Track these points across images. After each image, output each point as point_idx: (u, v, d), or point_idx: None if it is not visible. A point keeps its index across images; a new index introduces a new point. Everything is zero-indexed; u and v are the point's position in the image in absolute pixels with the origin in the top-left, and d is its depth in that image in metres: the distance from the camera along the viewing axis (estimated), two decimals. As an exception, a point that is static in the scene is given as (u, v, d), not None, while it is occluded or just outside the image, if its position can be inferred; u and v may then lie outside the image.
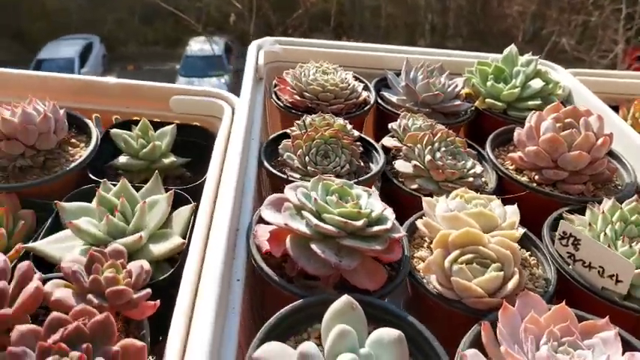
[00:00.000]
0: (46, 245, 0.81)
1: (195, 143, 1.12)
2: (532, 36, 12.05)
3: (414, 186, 0.98)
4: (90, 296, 0.65)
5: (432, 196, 0.90)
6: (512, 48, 1.26)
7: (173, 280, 0.78)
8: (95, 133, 1.02)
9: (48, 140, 0.95)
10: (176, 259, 0.84)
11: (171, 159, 1.03)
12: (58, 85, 1.08)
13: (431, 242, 0.86)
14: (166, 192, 0.90)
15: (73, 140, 1.03)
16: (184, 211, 0.91)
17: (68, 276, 0.67)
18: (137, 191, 0.91)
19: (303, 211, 0.75)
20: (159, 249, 0.82)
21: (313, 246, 0.71)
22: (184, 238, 0.85)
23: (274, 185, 1.03)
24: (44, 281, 0.68)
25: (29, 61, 13.11)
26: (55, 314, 0.59)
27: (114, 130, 1.03)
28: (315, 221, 0.72)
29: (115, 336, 0.60)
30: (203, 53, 13.28)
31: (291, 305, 0.68)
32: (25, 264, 0.65)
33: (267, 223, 0.81)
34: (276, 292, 0.75)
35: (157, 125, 1.08)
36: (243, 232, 0.81)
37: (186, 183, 1.04)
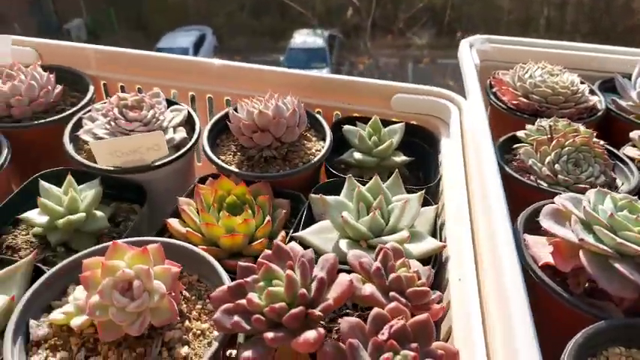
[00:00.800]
0: (310, 235, 0.84)
1: (412, 142, 1.11)
2: (666, 34, 10.81)
3: (677, 204, 0.88)
4: (393, 294, 0.66)
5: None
6: None
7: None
8: (328, 129, 1.05)
9: (293, 133, 0.99)
10: (424, 260, 0.83)
11: (402, 157, 1.03)
12: (288, 79, 1.12)
13: None
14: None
15: (307, 134, 1.06)
16: (429, 211, 0.90)
17: (366, 272, 0.69)
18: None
19: (595, 227, 0.70)
20: (418, 249, 0.81)
21: (618, 266, 0.66)
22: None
23: (511, 191, 0.99)
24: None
25: (150, 50, 14.12)
26: (378, 310, 0.61)
27: (347, 127, 1.05)
28: (617, 239, 0.67)
29: (433, 337, 0.60)
30: (306, 45, 13.55)
31: (594, 326, 0.64)
32: (331, 256, 0.68)
33: (537, 234, 0.78)
34: (554, 306, 0.71)
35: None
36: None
37: (409, 182, 1.04)
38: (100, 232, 0.88)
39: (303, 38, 13.71)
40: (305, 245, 0.83)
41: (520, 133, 1.01)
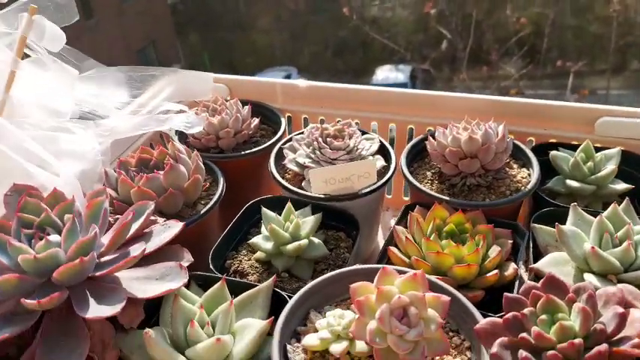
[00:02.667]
0: (547, 267, 0.79)
1: (619, 169, 1.02)
2: None
3: None
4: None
5: None
6: None
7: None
8: (532, 155, 1.00)
9: (500, 160, 0.96)
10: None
11: (622, 185, 0.95)
12: (477, 105, 1.10)
13: None
14: None
15: (509, 161, 1.02)
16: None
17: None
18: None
19: None
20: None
21: None
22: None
23: None
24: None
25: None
26: None
27: (555, 153, 1.00)
28: None
29: None
30: (388, 81, 13.67)
31: None
32: (616, 289, 0.62)
33: None
34: None
35: (574, 148, 1.02)
36: None
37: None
38: (317, 259, 0.89)
39: (385, 74, 13.86)
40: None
41: None
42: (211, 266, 0.85)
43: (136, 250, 0.74)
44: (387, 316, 0.60)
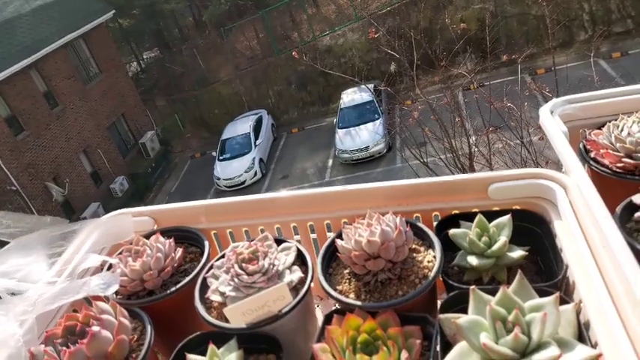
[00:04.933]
0: (453, 365, 0.83)
1: (519, 226, 1.07)
2: None
3: None
4: None
5: None
6: None
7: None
8: (434, 237, 1.05)
9: (403, 252, 1.01)
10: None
11: (518, 253, 1.00)
12: (381, 193, 1.16)
13: None
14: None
15: (414, 246, 1.07)
16: (568, 312, 0.85)
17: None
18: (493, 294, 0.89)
19: None
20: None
21: None
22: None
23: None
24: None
25: (216, 143, 15.36)
26: None
27: (453, 231, 1.05)
28: None
29: None
30: (355, 102, 13.93)
31: None
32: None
33: None
34: None
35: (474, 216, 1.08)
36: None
37: (529, 272, 1.01)
38: (248, 393, 0.92)
39: (351, 97, 14.13)
40: (450, 375, 0.82)
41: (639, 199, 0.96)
42: None
43: None
44: None
